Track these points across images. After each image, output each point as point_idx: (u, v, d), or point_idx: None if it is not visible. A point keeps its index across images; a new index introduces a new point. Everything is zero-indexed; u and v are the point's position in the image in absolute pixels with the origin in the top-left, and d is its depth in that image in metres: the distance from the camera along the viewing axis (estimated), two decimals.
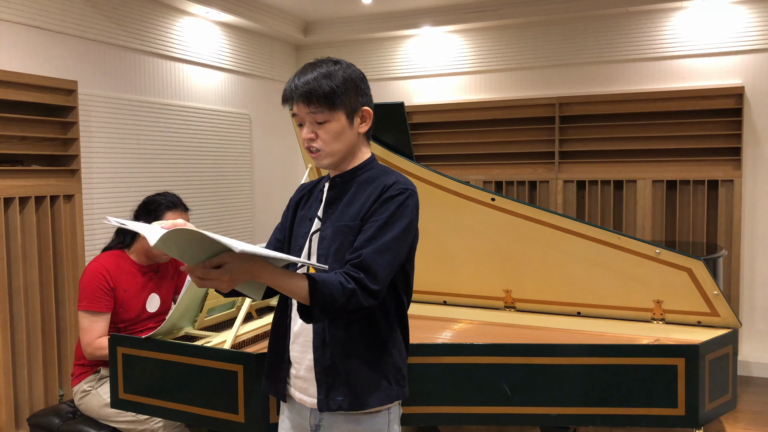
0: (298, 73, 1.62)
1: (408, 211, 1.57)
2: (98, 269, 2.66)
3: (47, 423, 2.71)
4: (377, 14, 5.38)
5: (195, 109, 4.80)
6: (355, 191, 1.63)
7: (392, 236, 1.54)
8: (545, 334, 2.67)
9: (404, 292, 1.67)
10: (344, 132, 1.61)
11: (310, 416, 1.67)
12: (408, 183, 1.61)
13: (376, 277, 1.51)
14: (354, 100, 1.62)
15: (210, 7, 4.58)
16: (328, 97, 1.56)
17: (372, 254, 1.51)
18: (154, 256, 2.76)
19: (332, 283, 1.47)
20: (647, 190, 4.79)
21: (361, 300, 1.49)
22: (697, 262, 2.56)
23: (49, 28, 3.71)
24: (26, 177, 3.43)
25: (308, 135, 1.61)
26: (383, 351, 1.62)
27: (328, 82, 1.57)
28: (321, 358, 1.60)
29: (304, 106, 1.58)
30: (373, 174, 1.65)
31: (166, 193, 2.81)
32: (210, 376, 2.18)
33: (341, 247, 1.58)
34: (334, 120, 1.59)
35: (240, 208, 5.26)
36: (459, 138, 5.31)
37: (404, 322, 1.69)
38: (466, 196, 2.82)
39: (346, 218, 1.60)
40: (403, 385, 1.67)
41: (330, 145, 1.61)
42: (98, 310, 2.63)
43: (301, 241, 1.68)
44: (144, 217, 2.71)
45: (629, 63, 4.92)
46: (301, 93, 1.57)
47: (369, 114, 1.66)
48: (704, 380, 2.27)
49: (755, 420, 3.83)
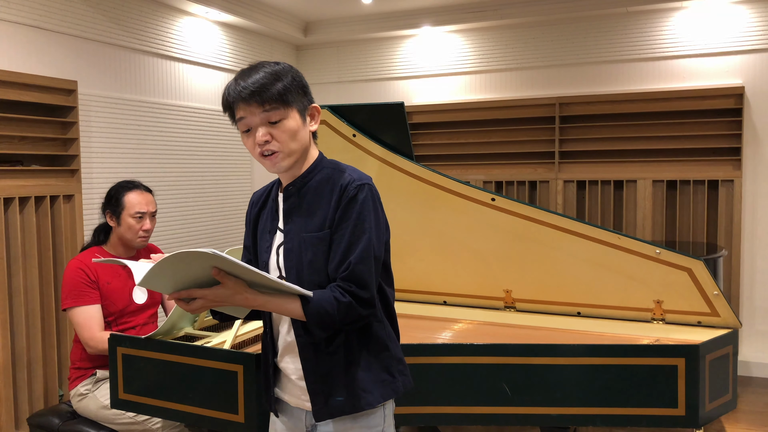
0: (239, 76, 1.53)
1: (371, 206, 1.55)
2: (77, 266, 2.68)
3: (47, 423, 2.71)
4: (377, 14, 5.38)
5: (195, 109, 4.80)
6: (313, 197, 1.59)
7: (367, 239, 1.52)
8: (545, 334, 2.67)
9: (386, 284, 1.65)
10: (299, 130, 1.56)
11: (306, 418, 1.66)
12: (362, 176, 1.57)
13: (366, 286, 1.51)
14: (302, 98, 1.57)
15: (210, 7, 4.58)
16: (281, 94, 1.50)
17: (357, 265, 1.50)
18: (131, 246, 2.78)
19: (326, 300, 1.48)
20: (647, 190, 4.79)
21: (359, 311, 1.50)
22: (698, 262, 2.56)
23: (49, 28, 3.71)
24: (26, 177, 3.43)
25: (263, 137, 1.52)
26: (380, 347, 1.62)
27: (277, 79, 1.51)
28: (312, 369, 1.59)
29: (256, 106, 1.50)
30: (326, 174, 1.60)
31: (129, 180, 2.84)
32: (210, 376, 2.18)
33: (315, 259, 1.55)
34: (289, 117, 1.53)
35: (240, 208, 5.26)
36: (459, 138, 5.31)
37: (392, 313, 1.68)
38: (466, 196, 2.81)
39: (312, 228, 1.56)
40: (407, 374, 1.67)
41: (287, 145, 1.54)
42: (87, 304, 2.64)
43: (265, 256, 1.65)
44: (109, 206, 2.74)
45: (629, 63, 4.92)
46: (251, 93, 1.49)
47: (318, 111, 1.62)
48: (704, 380, 2.27)
49: (755, 420, 3.83)
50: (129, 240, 2.75)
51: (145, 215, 2.73)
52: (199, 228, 4.84)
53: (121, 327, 2.73)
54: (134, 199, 2.72)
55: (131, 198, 2.72)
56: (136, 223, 2.72)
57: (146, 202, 2.75)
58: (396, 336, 1.69)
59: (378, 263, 1.56)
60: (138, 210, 2.71)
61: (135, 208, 2.71)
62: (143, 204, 2.73)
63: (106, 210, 2.76)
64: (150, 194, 2.81)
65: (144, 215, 2.73)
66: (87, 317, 2.63)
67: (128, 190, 2.75)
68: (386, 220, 1.63)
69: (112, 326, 2.71)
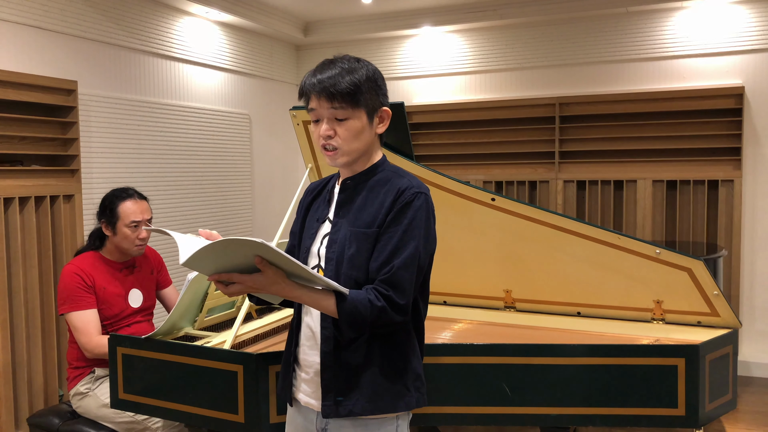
0: (318, 68, 1.57)
1: (425, 216, 1.56)
2: (73, 270, 2.68)
3: (47, 423, 2.71)
4: (377, 14, 5.38)
5: (195, 109, 4.80)
6: (367, 194, 1.60)
7: (415, 246, 1.52)
8: (545, 334, 2.67)
9: (422, 299, 1.64)
10: (364, 131, 1.58)
11: (317, 420, 1.65)
12: (421, 186, 1.59)
13: (404, 292, 1.51)
14: (374, 99, 1.58)
15: (210, 7, 4.58)
16: (351, 94, 1.53)
17: (399, 269, 1.50)
18: (127, 252, 2.77)
19: (360, 301, 1.48)
20: (647, 190, 4.79)
21: (392, 316, 1.50)
22: (697, 262, 2.56)
23: (49, 28, 3.71)
24: (26, 177, 3.43)
25: (327, 132, 1.56)
26: (401, 356, 1.60)
27: (351, 78, 1.53)
28: (329, 363, 1.58)
29: (325, 101, 1.54)
30: (385, 176, 1.62)
31: (122, 187, 2.82)
32: (210, 376, 2.18)
33: (357, 254, 1.55)
34: (355, 118, 1.55)
35: (240, 208, 5.26)
36: (459, 138, 5.31)
37: (420, 328, 1.66)
38: (467, 196, 2.81)
39: (361, 224, 1.57)
40: (423, 392, 1.64)
41: (348, 144, 1.57)
42: (85, 308, 2.64)
43: (308, 242, 1.66)
44: (104, 216, 2.73)
45: (629, 63, 4.92)
46: (323, 88, 1.53)
47: (388, 114, 1.64)
48: (704, 380, 2.27)
49: (755, 420, 3.83)
50: (126, 249, 2.74)
51: (140, 224, 2.72)
52: (199, 228, 4.83)
53: (117, 330, 2.72)
54: (129, 209, 2.70)
55: (126, 207, 2.70)
56: (132, 232, 2.71)
57: (141, 211, 2.73)
58: (420, 353, 1.67)
59: (420, 273, 1.56)
60: (133, 219, 2.70)
61: (130, 218, 2.69)
62: (138, 213, 2.71)
63: (101, 219, 2.74)
64: (145, 201, 2.79)
65: (140, 224, 2.72)
66: (84, 322, 2.63)
67: (122, 200, 2.72)
68: (435, 234, 1.63)
69: (107, 330, 2.71)
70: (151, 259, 2.95)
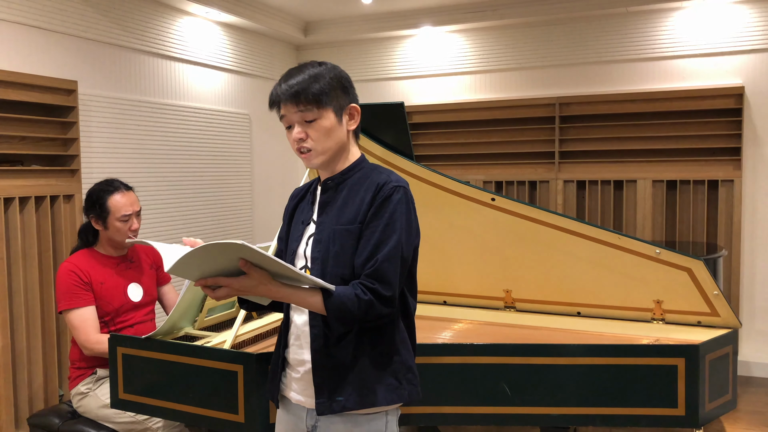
0: (284, 77, 1.64)
1: (405, 209, 1.59)
2: (69, 268, 2.68)
3: (47, 423, 2.71)
4: (377, 14, 5.38)
5: (195, 109, 4.80)
6: (348, 192, 1.64)
7: (397, 239, 1.56)
8: (545, 334, 2.67)
9: (409, 292, 1.67)
10: (334, 130, 1.62)
11: (307, 417, 1.67)
12: (400, 180, 1.62)
13: (389, 284, 1.54)
14: (341, 97, 1.63)
15: (210, 7, 4.58)
16: (316, 95, 1.58)
17: (383, 262, 1.53)
18: (120, 245, 2.76)
19: (347, 296, 1.51)
20: (647, 190, 4.79)
21: (379, 309, 1.53)
22: (697, 262, 2.56)
23: (49, 28, 3.71)
24: (26, 177, 3.43)
25: (298, 135, 1.61)
26: (391, 350, 1.62)
27: (315, 81, 1.59)
28: (320, 361, 1.60)
29: (292, 106, 1.60)
30: (364, 174, 1.66)
31: (107, 180, 2.80)
32: (210, 376, 2.18)
33: (342, 251, 1.59)
34: (323, 117, 1.60)
35: (240, 208, 5.26)
36: (459, 138, 5.31)
37: (409, 320, 1.69)
38: (466, 196, 2.81)
39: (343, 221, 1.61)
40: (416, 384, 1.66)
41: (321, 144, 1.61)
42: (82, 306, 2.64)
43: (295, 245, 1.70)
44: (92, 211, 2.71)
45: (629, 63, 4.92)
46: (289, 94, 1.59)
47: (357, 111, 1.67)
48: (704, 380, 2.27)
49: (755, 420, 3.83)
50: (119, 242, 2.74)
51: (131, 216, 2.72)
52: (199, 228, 4.84)
53: (119, 326, 2.73)
54: (119, 203, 2.69)
55: (116, 201, 2.69)
56: (123, 225, 2.70)
57: (130, 203, 2.72)
58: (411, 345, 1.69)
59: (404, 265, 1.59)
60: (124, 213, 2.69)
61: (121, 212, 2.68)
62: (128, 205, 2.71)
63: (89, 214, 2.73)
64: (132, 192, 2.78)
65: (130, 216, 2.72)
66: (82, 320, 2.63)
67: (110, 194, 2.70)
68: (418, 226, 1.66)
69: (109, 325, 2.71)
70: (150, 254, 2.94)
